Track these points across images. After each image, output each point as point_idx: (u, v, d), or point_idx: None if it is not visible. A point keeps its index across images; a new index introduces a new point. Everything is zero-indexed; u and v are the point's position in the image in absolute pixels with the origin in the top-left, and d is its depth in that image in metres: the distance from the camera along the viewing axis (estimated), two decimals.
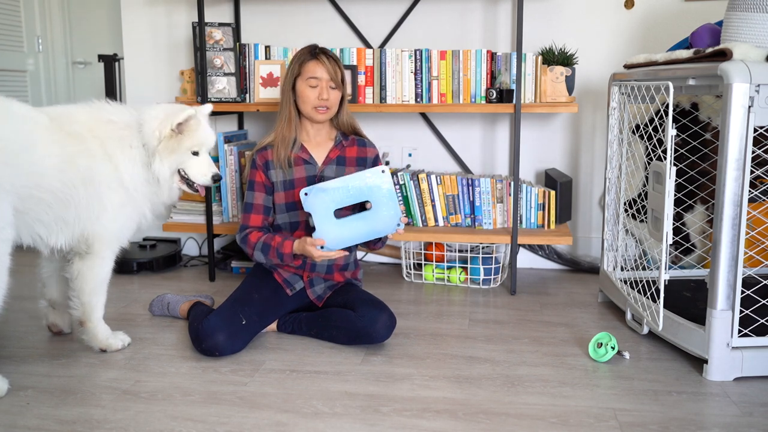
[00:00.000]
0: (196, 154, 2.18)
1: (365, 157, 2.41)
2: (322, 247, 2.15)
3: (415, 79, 2.98)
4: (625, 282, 2.55)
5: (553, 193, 2.93)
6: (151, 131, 2.09)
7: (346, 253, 2.23)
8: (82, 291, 2.13)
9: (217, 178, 2.21)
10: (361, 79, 3.00)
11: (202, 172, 2.20)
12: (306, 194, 2.16)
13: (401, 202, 3.00)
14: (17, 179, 1.83)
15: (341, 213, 2.27)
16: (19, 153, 1.84)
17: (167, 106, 2.18)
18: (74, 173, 1.97)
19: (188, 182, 2.21)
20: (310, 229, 2.23)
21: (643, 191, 2.83)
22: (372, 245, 2.36)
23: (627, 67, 2.55)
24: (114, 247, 2.14)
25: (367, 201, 2.19)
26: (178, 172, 2.19)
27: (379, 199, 2.19)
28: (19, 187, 1.85)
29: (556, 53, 2.91)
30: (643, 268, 2.78)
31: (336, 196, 2.17)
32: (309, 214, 2.18)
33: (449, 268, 3.05)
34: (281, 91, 2.39)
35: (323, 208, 2.17)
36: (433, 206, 3.00)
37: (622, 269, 2.65)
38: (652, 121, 2.77)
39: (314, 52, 2.33)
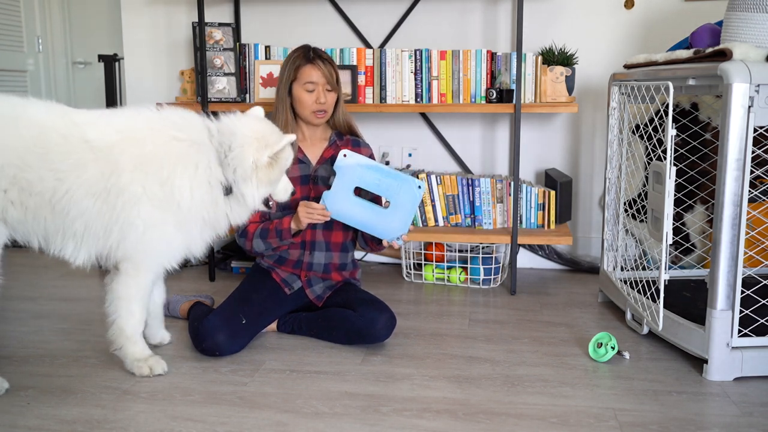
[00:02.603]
0: None
1: None
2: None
3: (415, 79, 2.98)
4: (625, 282, 2.55)
5: (553, 193, 2.93)
6: (243, 158, 1.90)
7: (325, 219, 2.20)
8: (110, 307, 1.99)
9: (293, 193, 2.13)
10: (361, 79, 3.00)
11: (284, 188, 2.07)
12: (345, 155, 2.18)
13: None
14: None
15: (358, 192, 2.28)
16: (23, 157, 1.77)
17: (253, 124, 1.98)
18: (78, 184, 1.81)
19: (265, 200, 2.06)
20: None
21: (643, 191, 2.83)
22: (372, 246, 2.36)
23: (627, 67, 2.55)
24: (142, 267, 1.94)
25: (387, 201, 2.21)
26: None
27: (400, 206, 2.20)
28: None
29: (556, 53, 2.92)
30: (643, 268, 2.78)
31: (368, 177, 2.19)
32: (334, 173, 2.20)
33: (449, 268, 3.05)
34: (277, 95, 2.37)
35: (350, 177, 2.19)
36: (433, 206, 3.00)
37: (622, 269, 2.64)
38: (652, 121, 2.76)
39: (309, 56, 2.32)
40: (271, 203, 2.08)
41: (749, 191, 1.95)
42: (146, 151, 1.85)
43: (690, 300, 2.37)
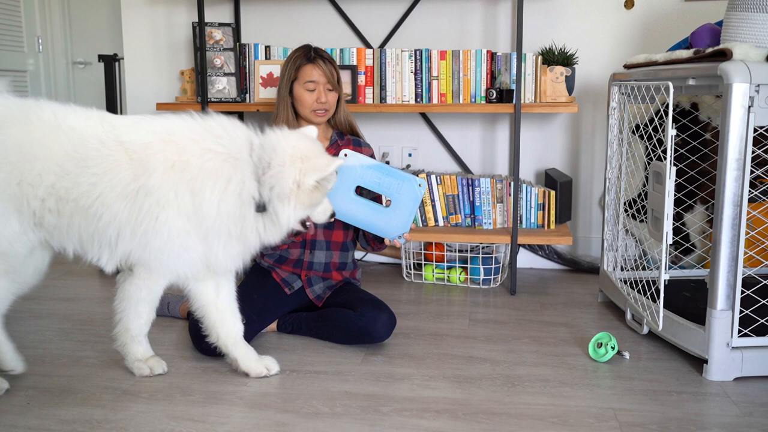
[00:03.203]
0: None
1: None
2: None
3: (415, 79, 2.98)
4: (625, 282, 2.55)
5: (553, 193, 2.93)
6: (282, 177, 1.81)
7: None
8: (119, 305, 1.96)
9: (333, 215, 2.04)
10: (361, 79, 3.00)
11: (324, 210, 1.98)
12: (345, 155, 2.15)
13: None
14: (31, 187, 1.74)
15: (359, 192, 2.27)
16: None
17: (300, 142, 1.88)
18: (110, 187, 1.77)
19: (303, 221, 1.96)
20: None
21: (643, 191, 2.83)
22: (373, 245, 2.36)
23: (627, 67, 2.55)
24: (157, 273, 1.90)
25: (389, 199, 2.20)
26: None
27: (401, 205, 2.18)
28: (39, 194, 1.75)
29: (556, 53, 2.92)
30: (643, 268, 2.78)
31: (368, 176, 2.16)
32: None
33: (449, 268, 3.05)
34: (278, 95, 2.38)
35: (351, 177, 2.17)
36: (433, 206, 3.00)
37: (622, 269, 2.65)
38: (652, 121, 2.76)
39: (310, 56, 2.32)
40: (308, 224, 1.99)
41: (749, 191, 1.95)
42: (183, 158, 1.79)
43: (690, 300, 2.37)
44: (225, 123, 1.86)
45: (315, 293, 2.38)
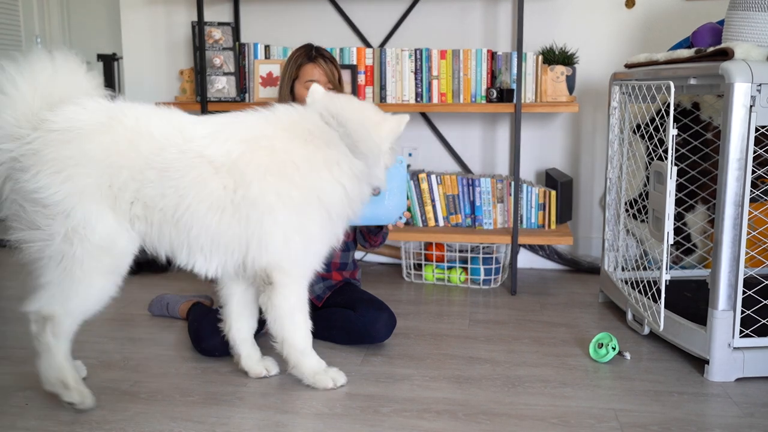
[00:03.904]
0: None
1: None
2: None
3: (415, 79, 2.97)
4: (626, 282, 2.55)
5: (553, 192, 2.93)
6: (371, 142, 1.87)
7: None
8: (273, 324, 1.91)
9: None
10: (361, 78, 2.99)
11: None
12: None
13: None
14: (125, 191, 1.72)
15: None
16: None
17: (356, 105, 1.95)
18: (199, 199, 1.75)
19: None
20: None
21: (644, 191, 2.83)
22: (371, 240, 2.35)
23: (628, 66, 2.54)
24: (298, 275, 1.88)
25: (376, 187, 2.17)
26: None
27: (390, 186, 2.15)
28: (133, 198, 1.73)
29: (557, 53, 2.91)
30: (644, 269, 2.78)
31: None
32: None
33: (449, 268, 3.04)
34: (279, 94, 2.38)
35: None
36: (434, 206, 3.00)
37: (623, 269, 2.64)
38: (653, 120, 2.76)
39: (311, 55, 2.33)
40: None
41: (751, 191, 1.95)
42: (277, 158, 1.79)
43: (691, 300, 2.36)
44: (289, 111, 1.89)
45: (315, 293, 2.37)
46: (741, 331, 1.96)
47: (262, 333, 2.12)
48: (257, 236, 1.79)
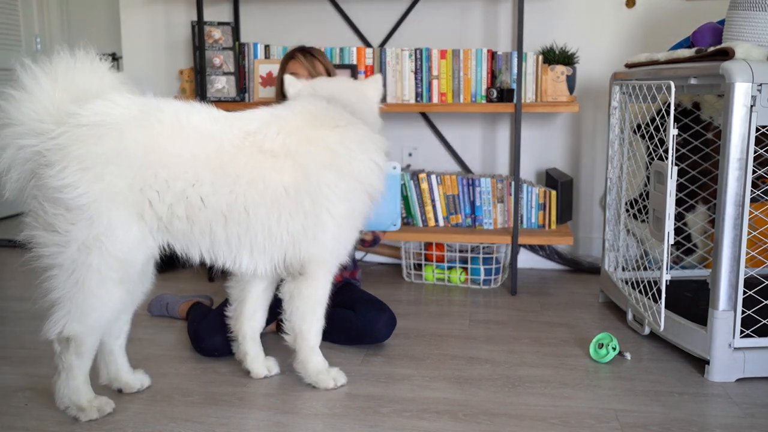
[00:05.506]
0: None
1: None
2: None
3: (415, 79, 2.97)
4: (627, 282, 2.54)
5: (553, 192, 2.92)
6: (373, 114, 1.95)
7: None
8: (293, 315, 1.88)
9: None
10: (361, 78, 2.99)
11: None
12: None
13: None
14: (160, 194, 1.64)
15: None
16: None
17: (336, 83, 1.98)
18: (254, 196, 1.70)
19: None
20: None
21: (645, 191, 2.82)
22: (362, 242, 2.35)
23: (628, 66, 2.54)
24: (332, 266, 1.86)
25: None
26: None
27: (384, 193, 2.14)
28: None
29: (557, 52, 2.91)
30: (645, 269, 2.77)
31: None
32: None
33: (449, 268, 3.04)
34: (275, 94, 2.44)
35: None
36: (434, 206, 2.99)
37: (623, 269, 2.64)
38: (653, 120, 2.75)
39: (292, 53, 2.41)
40: None
41: (751, 191, 1.94)
42: (321, 148, 1.76)
43: (692, 300, 2.36)
44: (300, 101, 1.87)
45: None
46: (741, 332, 1.96)
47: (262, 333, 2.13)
48: (311, 229, 1.76)
